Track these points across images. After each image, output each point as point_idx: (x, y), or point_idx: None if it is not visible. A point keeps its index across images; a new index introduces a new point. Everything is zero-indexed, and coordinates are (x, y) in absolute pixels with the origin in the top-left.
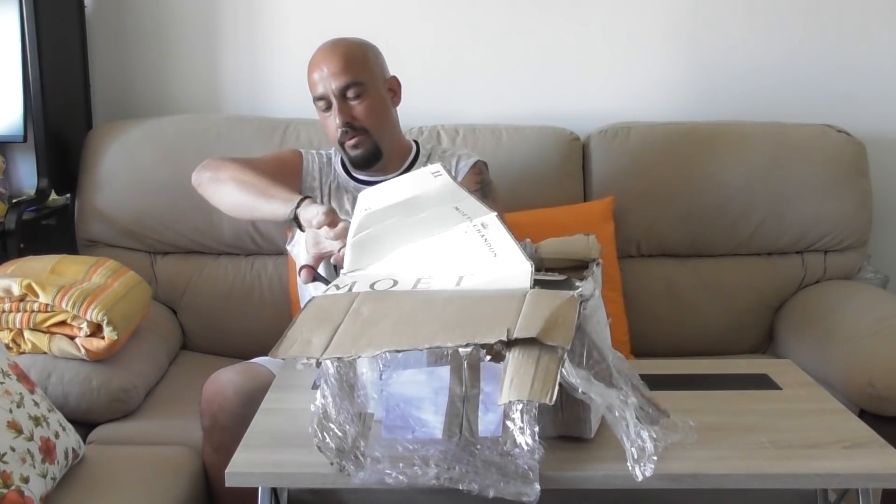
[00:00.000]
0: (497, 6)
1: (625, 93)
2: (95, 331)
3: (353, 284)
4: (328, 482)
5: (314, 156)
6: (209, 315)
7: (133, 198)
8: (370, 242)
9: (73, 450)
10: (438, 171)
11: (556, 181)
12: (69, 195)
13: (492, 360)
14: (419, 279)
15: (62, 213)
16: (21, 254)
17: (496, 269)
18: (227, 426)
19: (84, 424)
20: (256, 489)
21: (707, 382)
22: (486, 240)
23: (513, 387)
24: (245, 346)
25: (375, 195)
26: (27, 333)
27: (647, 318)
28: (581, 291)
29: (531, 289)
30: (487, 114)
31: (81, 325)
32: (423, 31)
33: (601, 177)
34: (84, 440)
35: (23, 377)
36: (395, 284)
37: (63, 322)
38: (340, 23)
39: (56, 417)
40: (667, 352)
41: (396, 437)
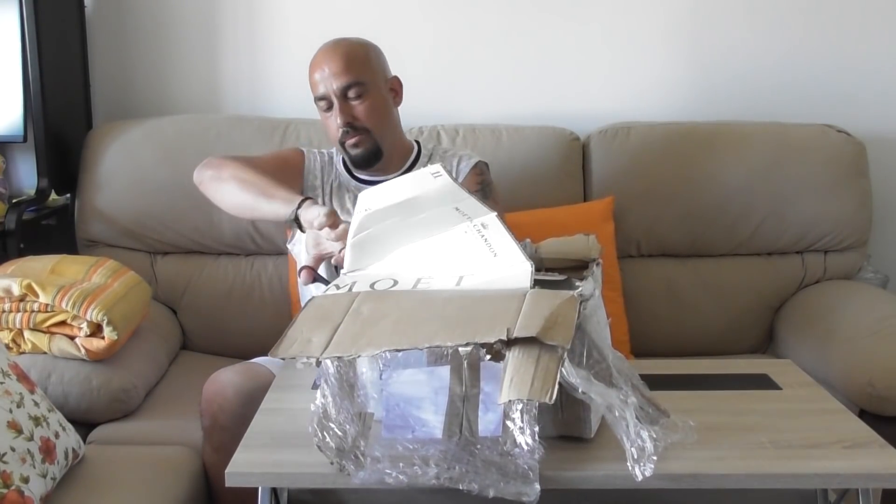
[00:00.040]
0: (497, 6)
1: (625, 93)
2: (95, 331)
3: (353, 284)
4: (328, 482)
5: (316, 154)
6: (209, 315)
7: (133, 198)
8: (370, 242)
9: (73, 450)
10: (438, 172)
11: (556, 181)
12: (69, 195)
13: (492, 360)
14: (419, 279)
15: (62, 213)
16: (21, 254)
17: (496, 269)
18: (227, 426)
19: (84, 424)
20: (256, 489)
21: (707, 382)
22: (486, 240)
23: (513, 386)
24: (245, 346)
25: (375, 196)
26: (27, 333)
27: (647, 318)
28: (581, 291)
29: (531, 288)
30: (487, 114)
31: (81, 325)
32: (423, 31)
33: (601, 177)
34: (84, 440)
35: (23, 377)
36: (395, 284)
37: (63, 322)
38: (340, 23)
39: (56, 417)
40: (667, 352)
41: (396, 437)
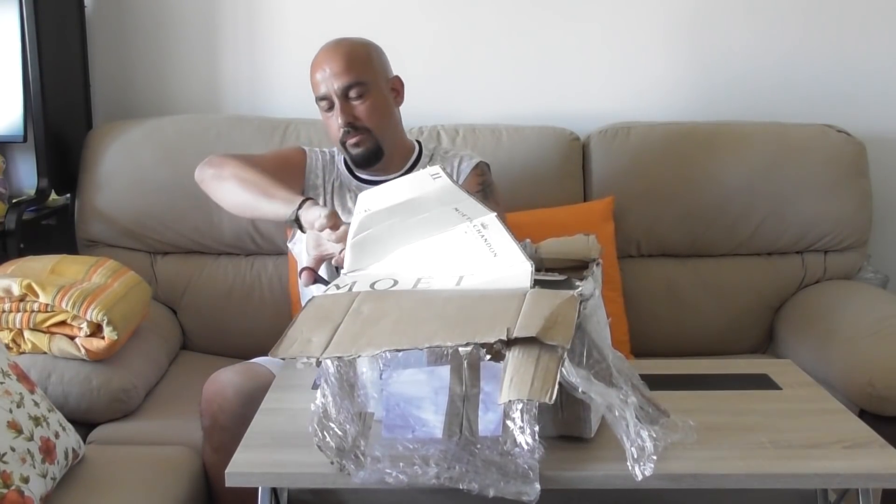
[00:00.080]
0: (497, 6)
1: (625, 93)
2: (95, 331)
3: (354, 284)
4: (328, 482)
5: (318, 153)
6: (209, 315)
7: (133, 198)
8: (370, 243)
9: (73, 450)
10: (438, 174)
11: (556, 181)
12: (69, 195)
13: (492, 360)
14: (419, 279)
15: (62, 213)
16: (21, 254)
17: (496, 269)
18: (227, 426)
19: (84, 424)
20: (256, 489)
21: (707, 382)
22: (486, 240)
23: (512, 386)
24: (245, 346)
25: (375, 196)
26: (27, 333)
27: (647, 318)
28: (581, 291)
29: (531, 288)
30: (487, 114)
31: (81, 325)
32: (423, 31)
33: (601, 177)
34: (84, 440)
35: (23, 377)
36: (396, 284)
37: (63, 322)
38: (340, 23)
39: (56, 417)
40: (667, 352)
41: (396, 437)
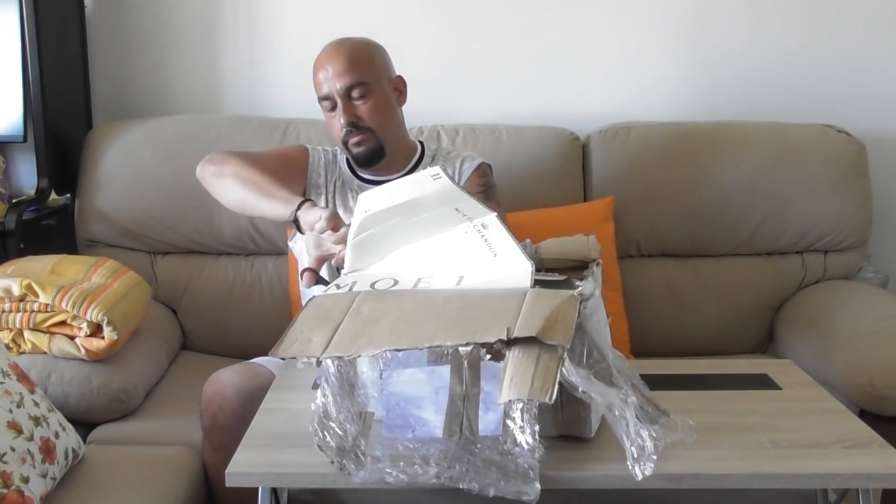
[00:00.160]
0: (497, 6)
1: (625, 93)
2: (95, 331)
3: (354, 284)
4: (328, 482)
5: (320, 152)
6: (209, 315)
7: (133, 198)
8: (371, 243)
9: (73, 450)
10: (438, 174)
11: (556, 181)
12: (69, 195)
13: (492, 359)
14: (419, 279)
15: (62, 213)
16: (21, 254)
17: (496, 269)
18: (227, 426)
19: (84, 424)
20: (256, 489)
21: (707, 382)
22: (487, 240)
23: (512, 385)
24: (245, 346)
25: (375, 197)
26: (27, 333)
27: (647, 318)
28: (581, 291)
29: (531, 288)
30: (487, 114)
31: (81, 325)
32: (424, 31)
33: (601, 177)
34: (84, 440)
35: (23, 377)
36: (396, 284)
37: (63, 322)
38: (340, 23)
39: (56, 417)
40: (667, 352)
41: (397, 436)
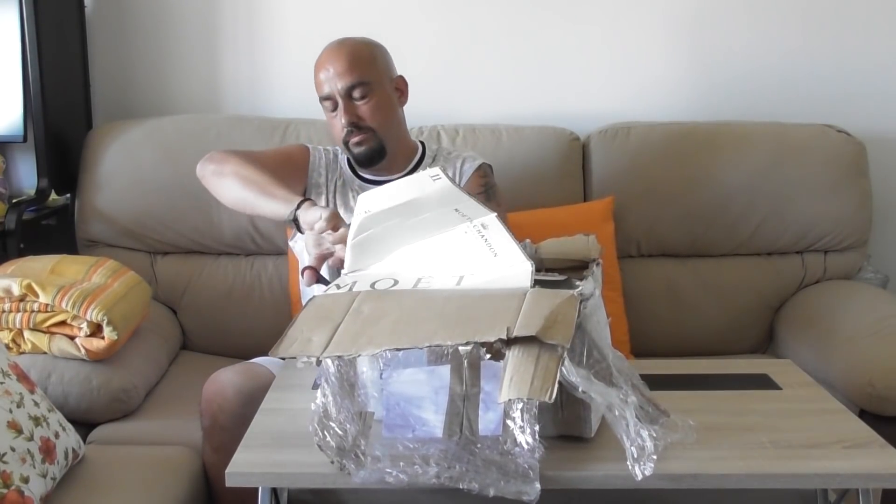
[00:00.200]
0: (497, 6)
1: (625, 93)
2: (95, 331)
3: (354, 284)
4: (328, 482)
5: (321, 152)
6: (209, 315)
7: (133, 198)
8: (371, 243)
9: (73, 450)
10: (437, 175)
11: (556, 181)
12: (69, 195)
13: (492, 359)
14: (420, 279)
15: (62, 213)
16: (21, 254)
17: (496, 269)
18: (227, 426)
19: (84, 424)
20: (256, 489)
21: (707, 382)
22: (486, 240)
23: (512, 385)
24: (245, 346)
25: (375, 198)
26: (27, 333)
27: (647, 318)
28: (581, 290)
29: (531, 288)
30: (487, 114)
31: (81, 325)
32: (424, 31)
33: (601, 177)
34: (84, 440)
35: (23, 377)
36: (396, 284)
37: (63, 322)
38: (340, 23)
39: (56, 417)
40: (667, 352)
41: (397, 436)
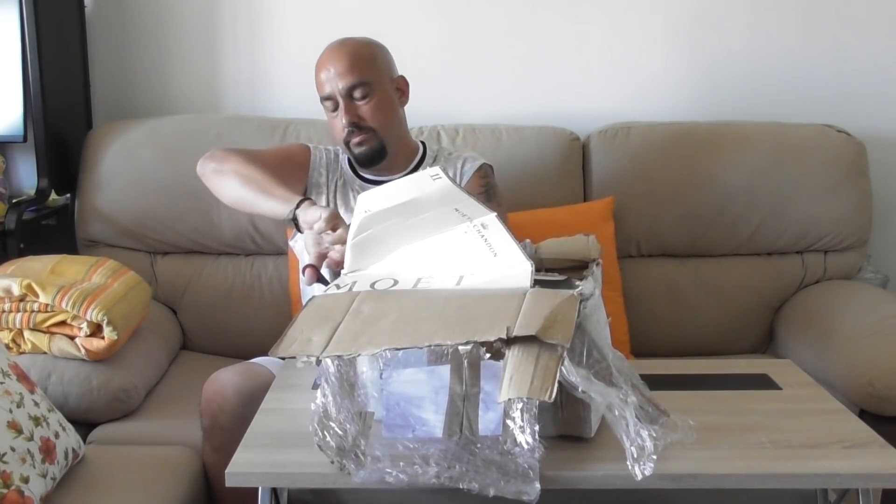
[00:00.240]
0: (497, 6)
1: (625, 93)
2: (95, 331)
3: (354, 284)
4: (328, 482)
5: (322, 151)
6: (209, 315)
7: (133, 198)
8: (371, 243)
9: (73, 450)
10: (437, 175)
11: (556, 181)
12: (69, 195)
13: (491, 358)
14: (419, 279)
15: (62, 213)
16: (21, 254)
17: (496, 269)
18: (227, 426)
19: (84, 424)
20: (256, 489)
21: (707, 382)
22: (486, 240)
23: (512, 384)
24: (245, 346)
25: (375, 197)
26: (27, 333)
27: (647, 318)
28: (581, 290)
29: (531, 288)
30: (487, 114)
31: (81, 325)
32: (424, 31)
33: (601, 177)
34: (84, 440)
35: (23, 377)
36: (396, 284)
37: (63, 322)
38: (340, 23)
39: (56, 417)
40: (667, 352)
41: (397, 436)
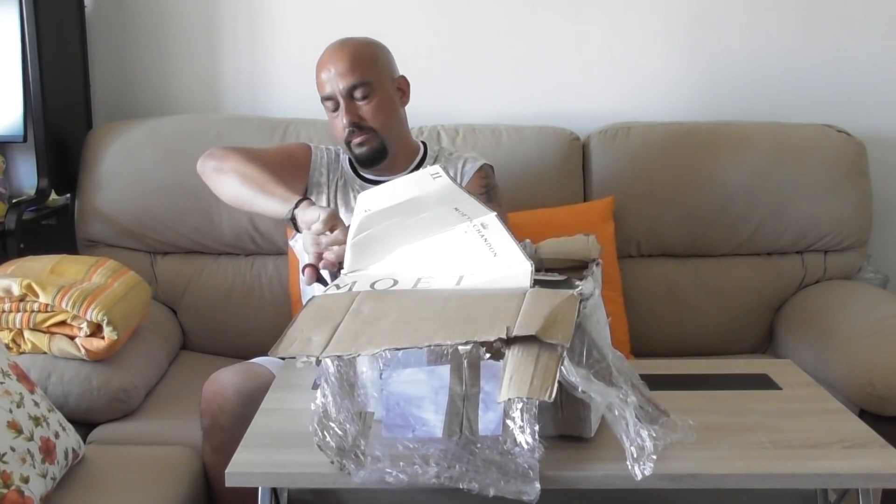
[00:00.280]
0: (497, 6)
1: (625, 93)
2: (95, 331)
3: (354, 284)
4: (328, 482)
5: (323, 151)
6: (209, 315)
7: (133, 198)
8: (371, 243)
9: (73, 450)
10: (437, 174)
11: (556, 181)
12: (69, 195)
13: (491, 358)
14: (419, 279)
15: (62, 213)
16: (21, 254)
17: (496, 269)
18: (227, 426)
19: (84, 424)
20: (256, 489)
21: (707, 382)
22: (486, 240)
23: (512, 384)
24: (245, 346)
25: (375, 197)
26: (27, 333)
27: (647, 318)
28: (581, 290)
29: (531, 288)
30: (487, 114)
31: (81, 325)
32: (424, 31)
33: (601, 177)
34: (84, 440)
35: (23, 377)
36: (396, 284)
37: (63, 322)
38: (340, 23)
39: (56, 417)
40: (667, 352)
41: (397, 436)
